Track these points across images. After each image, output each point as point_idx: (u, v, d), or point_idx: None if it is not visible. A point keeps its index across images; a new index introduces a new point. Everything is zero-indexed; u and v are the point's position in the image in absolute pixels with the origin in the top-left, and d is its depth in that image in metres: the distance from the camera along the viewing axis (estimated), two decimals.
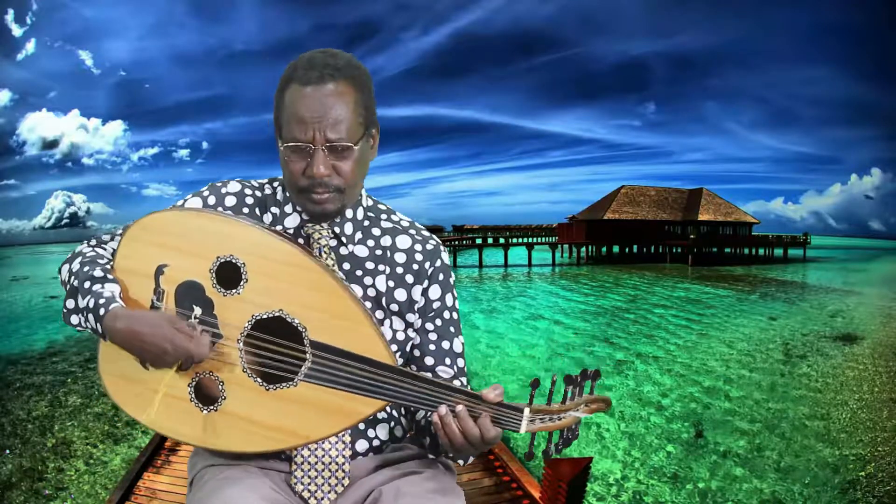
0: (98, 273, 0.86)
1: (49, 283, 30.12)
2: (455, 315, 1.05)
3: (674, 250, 41.02)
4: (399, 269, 1.00)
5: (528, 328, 14.57)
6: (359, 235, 1.00)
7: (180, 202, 0.97)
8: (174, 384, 0.88)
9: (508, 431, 0.86)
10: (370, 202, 1.04)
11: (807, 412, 7.80)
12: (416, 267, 1.01)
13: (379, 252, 1.00)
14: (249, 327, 0.87)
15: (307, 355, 0.86)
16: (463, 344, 1.05)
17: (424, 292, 1.01)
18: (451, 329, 1.03)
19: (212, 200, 0.97)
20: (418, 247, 1.02)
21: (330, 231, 0.97)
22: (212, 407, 0.88)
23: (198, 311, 0.86)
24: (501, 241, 44.79)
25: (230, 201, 0.98)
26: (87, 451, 6.12)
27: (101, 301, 0.83)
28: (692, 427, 7.16)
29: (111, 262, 0.90)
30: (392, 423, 1.02)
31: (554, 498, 2.15)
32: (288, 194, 0.99)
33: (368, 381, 0.86)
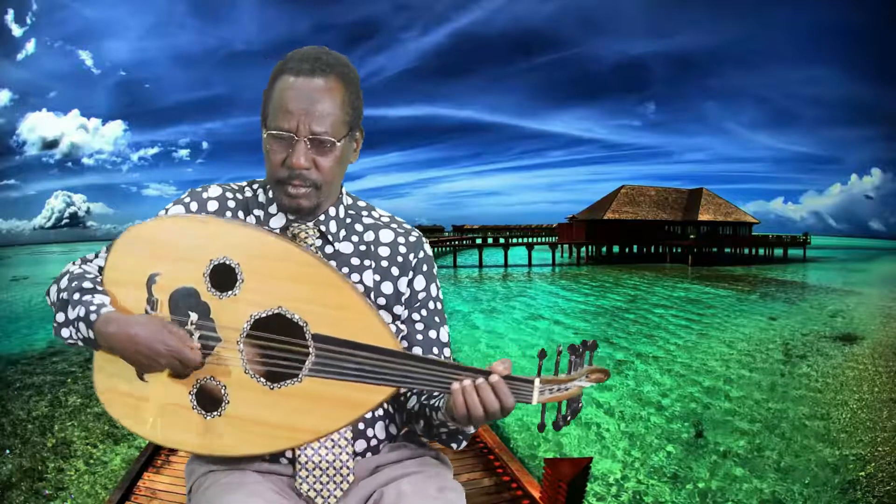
0: (87, 285, 0.86)
1: (49, 283, 30.08)
2: (440, 305, 1.05)
3: (674, 250, 41.00)
4: (384, 263, 1.00)
5: (528, 328, 14.57)
6: (343, 233, 1.00)
7: (162, 211, 0.96)
8: (174, 393, 0.86)
9: (520, 403, 0.86)
10: (350, 200, 1.04)
11: (807, 412, 7.80)
12: (400, 259, 1.01)
13: (363, 248, 1.00)
14: (248, 328, 0.86)
15: (310, 349, 0.85)
16: (448, 334, 1.06)
17: (410, 283, 1.01)
18: (437, 319, 1.04)
19: (194, 206, 0.96)
20: (401, 239, 1.02)
21: (316, 230, 0.97)
22: (215, 412, 0.86)
23: (193, 316, 0.85)
24: (501, 241, 44.80)
25: (212, 206, 0.97)
26: (87, 451, 6.12)
27: (92, 308, 0.82)
28: (692, 427, 7.16)
29: (100, 277, 0.90)
30: (387, 421, 1.02)
31: (554, 498, 2.16)
32: (270, 195, 0.98)
33: (376, 368, 0.85)
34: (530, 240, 50.38)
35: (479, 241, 44.03)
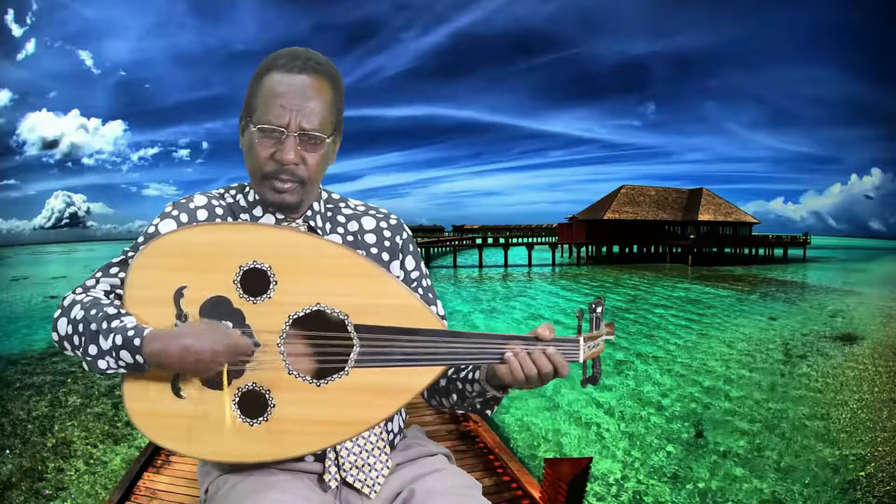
0: (111, 310, 0.82)
1: (49, 283, 30.09)
2: (430, 281, 1.08)
3: (674, 250, 41.00)
4: (374, 250, 1.01)
5: (529, 328, 14.44)
6: (328, 226, 1.01)
7: (151, 229, 0.93)
8: (215, 404, 0.84)
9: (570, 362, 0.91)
10: (325, 194, 1.05)
11: (807, 412, 7.80)
12: (387, 244, 1.03)
13: (350, 238, 1.01)
14: (287, 328, 0.85)
15: (354, 341, 0.85)
16: (442, 307, 1.07)
17: (402, 265, 1.04)
18: (431, 295, 1.06)
19: (184, 218, 0.93)
20: (384, 224, 1.04)
21: (305, 225, 0.98)
22: (261, 418, 0.84)
23: (227, 324, 0.83)
24: (501, 241, 44.79)
25: (202, 215, 0.95)
26: (87, 451, 6.12)
27: (130, 333, 0.79)
28: (692, 427, 7.16)
29: (117, 301, 0.87)
30: (399, 412, 1.02)
31: (554, 498, 2.16)
32: (250, 198, 0.97)
33: (424, 350, 0.85)
34: (530, 240, 50.35)
35: (479, 241, 43.99)
